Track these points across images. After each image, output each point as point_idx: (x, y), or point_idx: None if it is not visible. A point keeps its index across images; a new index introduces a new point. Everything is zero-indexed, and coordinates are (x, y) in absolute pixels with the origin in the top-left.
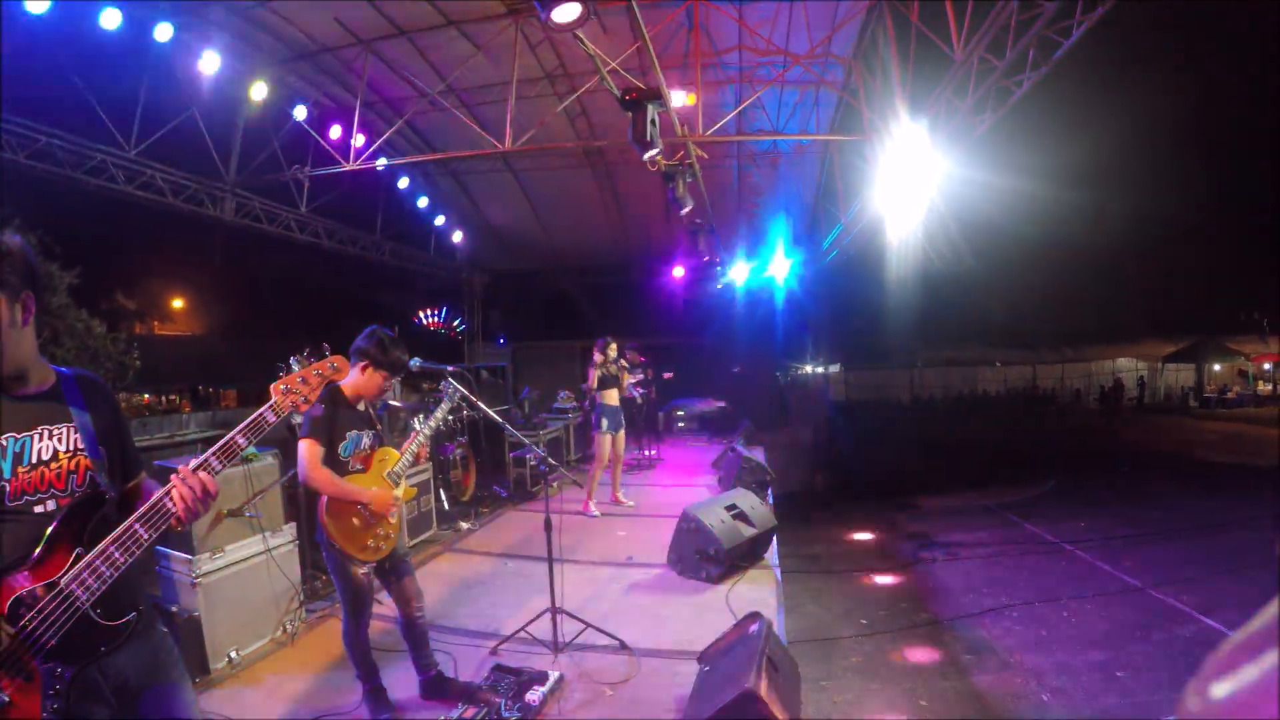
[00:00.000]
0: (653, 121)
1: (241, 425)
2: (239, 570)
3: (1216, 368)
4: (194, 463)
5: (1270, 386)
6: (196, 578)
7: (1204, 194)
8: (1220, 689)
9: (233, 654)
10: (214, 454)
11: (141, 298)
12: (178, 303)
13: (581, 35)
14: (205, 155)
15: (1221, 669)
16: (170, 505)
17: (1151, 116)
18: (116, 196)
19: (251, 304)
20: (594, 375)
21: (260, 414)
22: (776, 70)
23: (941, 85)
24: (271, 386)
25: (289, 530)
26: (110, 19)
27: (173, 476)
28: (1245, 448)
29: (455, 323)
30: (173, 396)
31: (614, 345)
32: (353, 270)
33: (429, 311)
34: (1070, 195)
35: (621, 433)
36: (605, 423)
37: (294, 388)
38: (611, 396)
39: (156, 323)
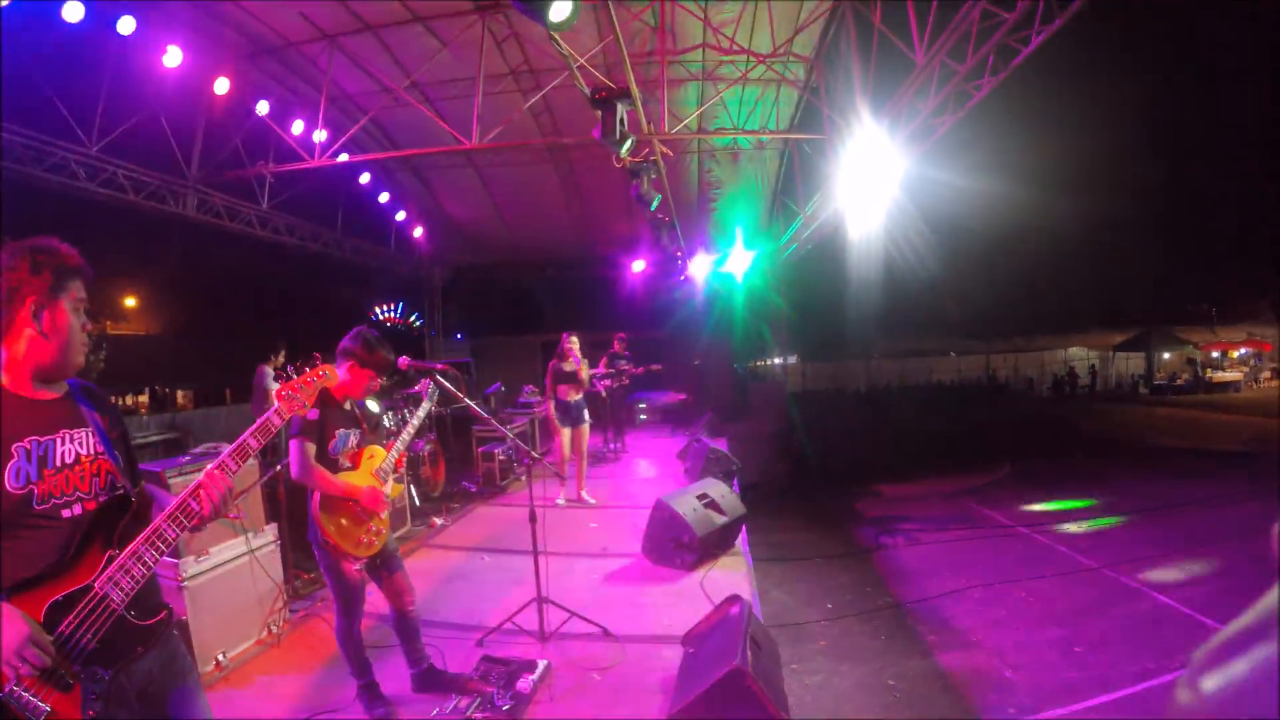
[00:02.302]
0: (622, 120)
1: (251, 428)
2: (223, 572)
3: (1166, 355)
4: (213, 464)
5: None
6: (183, 581)
7: (1152, 191)
8: (1210, 682)
9: (220, 656)
10: (229, 455)
11: (94, 296)
12: (130, 301)
13: (555, 34)
14: (167, 151)
15: (1212, 662)
16: (196, 505)
17: (1103, 118)
18: (75, 193)
19: (207, 302)
20: (550, 369)
21: (267, 417)
22: (739, 68)
23: (903, 87)
24: (274, 392)
25: (270, 530)
26: (72, 11)
27: (199, 478)
28: (1195, 432)
29: (413, 318)
30: (130, 398)
31: (574, 340)
32: (310, 266)
33: (386, 307)
34: (1024, 193)
35: (583, 428)
36: (558, 418)
37: (295, 392)
38: (565, 392)
39: (109, 322)
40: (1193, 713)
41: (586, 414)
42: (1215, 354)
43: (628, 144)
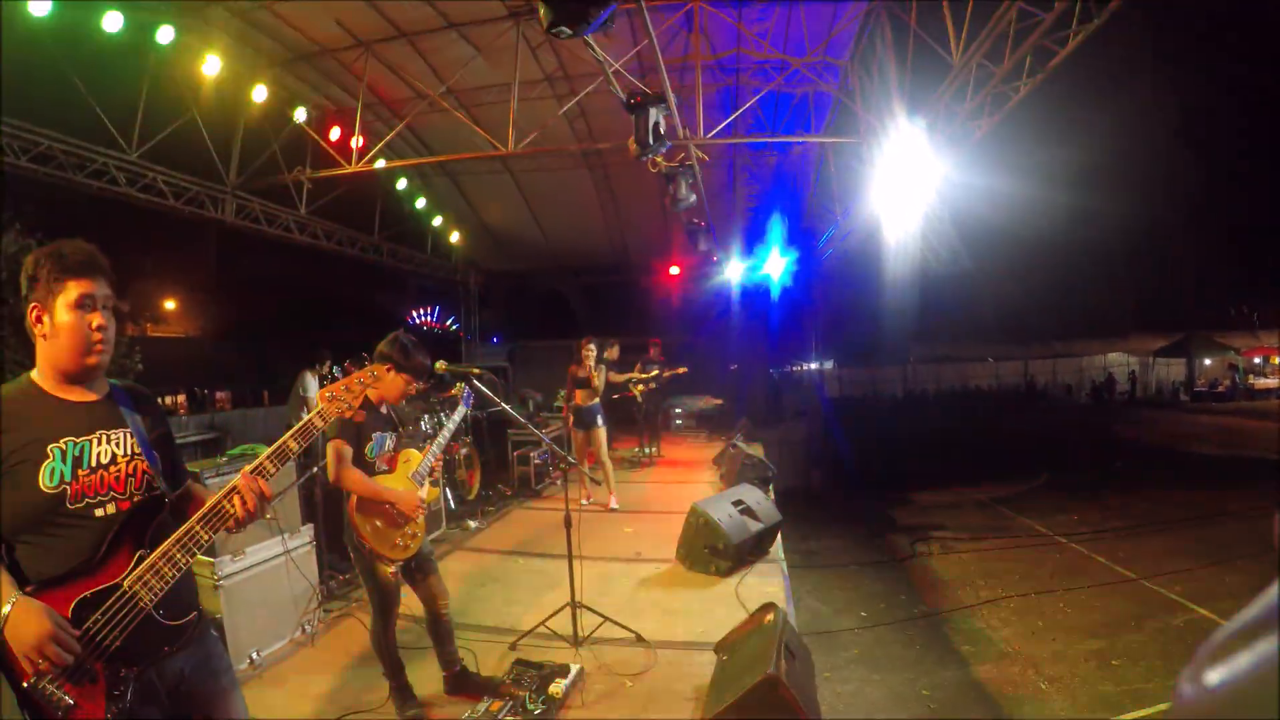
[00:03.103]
0: (656, 125)
1: (292, 430)
2: (259, 572)
3: (1207, 362)
4: (250, 467)
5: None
6: (219, 580)
7: (1192, 192)
8: (1214, 676)
9: (254, 655)
10: (268, 458)
11: (133, 299)
12: (170, 304)
13: (590, 40)
14: (206, 157)
15: (1215, 656)
16: (230, 508)
17: (1142, 120)
18: (114, 199)
19: (245, 305)
20: (570, 378)
21: (309, 420)
22: (774, 73)
23: (940, 89)
24: (319, 394)
25: (306, 531)
26: (112, 21)
27: (234, 480)
28: (1236, 440)
29: (449, 322)
30: (169, 399)
31: (590, 347)
32: (347, 271)
33: (423, 311)
34: (1063, 195)
35: (594, 431)
36: (572, 422)
37: (339, 395)
38: (580, 397)
39: (149, 325)
40: (1195, 708)
41: (601, 419)
42: (1257, 359)
43: (661, 148)
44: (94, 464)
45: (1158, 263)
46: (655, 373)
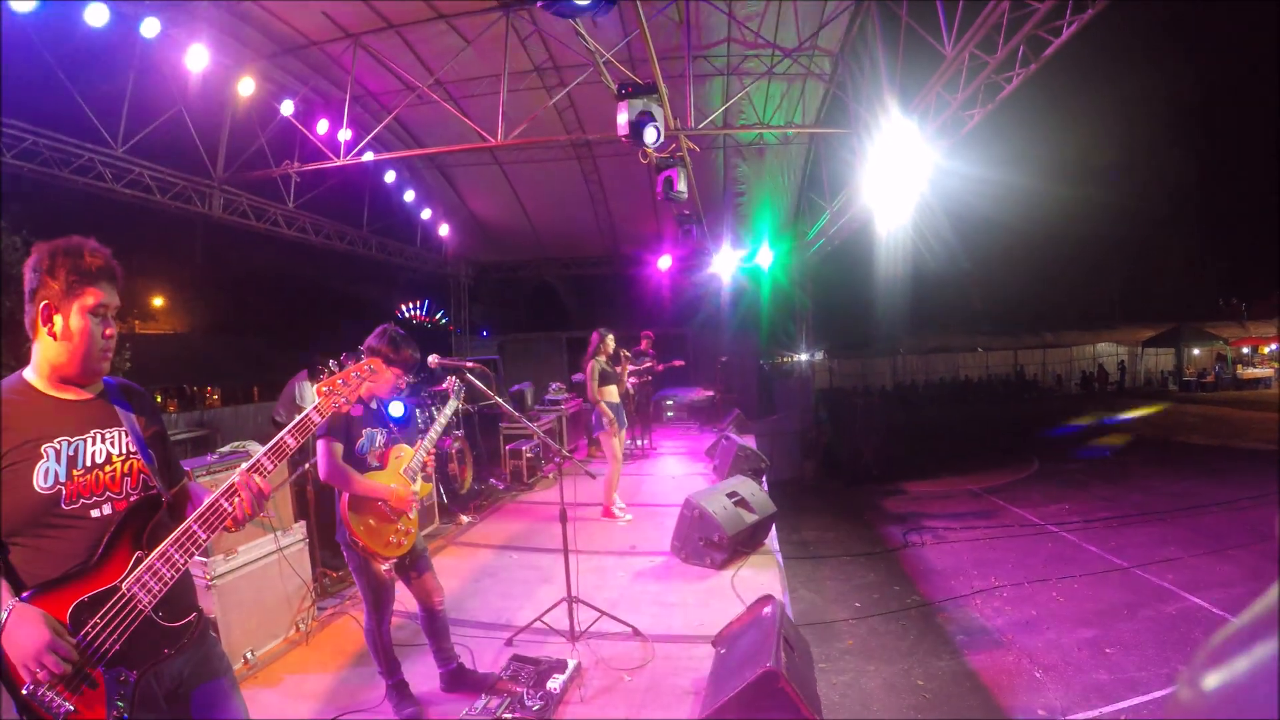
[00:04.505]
0: (647, 115)
1: (289, 426)
2: (252, 571)
3: (1196, 352)
4: (247, 465)
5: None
6: (211, 580)
7: (1183, 184)
8: (1212, 680)
9: (249, 654)
10: (265, 455)
11: (121, 296)
12: (158, 301)
13: (581, 29)
14: (193, 152)
15: (1213, 660)
16: (228, 506)
17: (1133, 111)
18: (102, 195)
19: (234, 301)
20: (592, 369)
21: (306, 415)
22: (764, 63)
23: (932, 80)
24: (315, 388)
25: (299, 529)
26: (96, 15)
27: (232, 479)
28: (1224, 430)
29: (439, 315)
30: (159, 396)
31: (611, 338)
32: (336, 264)
33: (412, 304)
34: (1053, 187)
35: (623, 430)
36: (612, 420)
37: (336, 390)
38: (612, 393)
39: (137, 322)
40: (1193, 711)
41: (625, 416)
42: (1245, 349)
43: (655, 138)
44: (89, 464)
45: (1147, 253)
46: (647, 365)
